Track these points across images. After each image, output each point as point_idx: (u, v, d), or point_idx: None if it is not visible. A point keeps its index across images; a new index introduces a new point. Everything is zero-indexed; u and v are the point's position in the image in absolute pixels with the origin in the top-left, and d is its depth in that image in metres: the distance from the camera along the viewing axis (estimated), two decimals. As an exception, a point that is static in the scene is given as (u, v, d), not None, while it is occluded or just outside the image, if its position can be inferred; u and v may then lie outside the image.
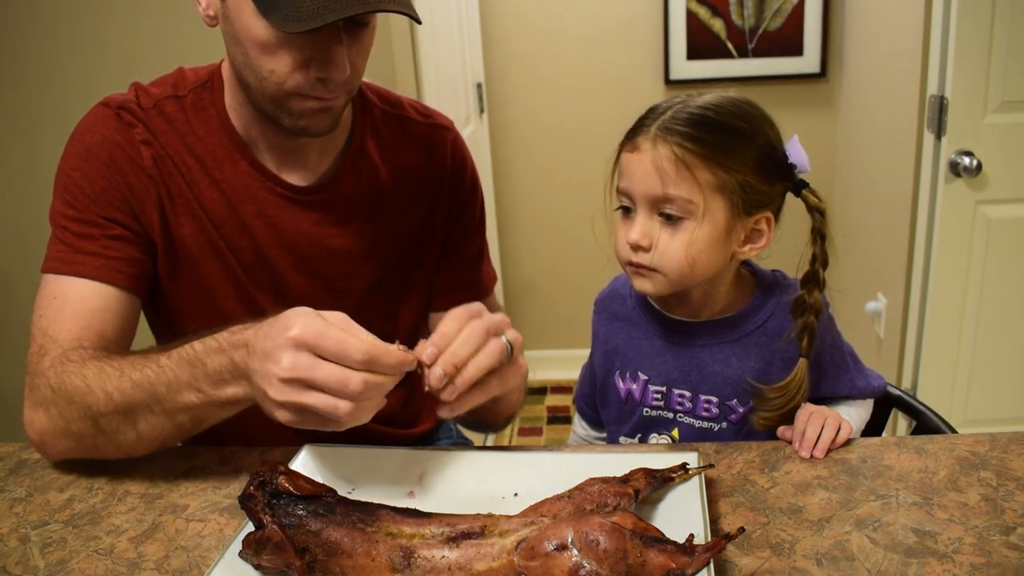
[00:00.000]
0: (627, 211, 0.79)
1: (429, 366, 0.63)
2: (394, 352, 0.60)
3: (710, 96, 0.77)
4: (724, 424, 0.82)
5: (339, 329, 0.59)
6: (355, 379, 0.58)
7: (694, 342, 0.83)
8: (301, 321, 0.59)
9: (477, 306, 0.66)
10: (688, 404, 0.83)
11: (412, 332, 0.94)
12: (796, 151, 0.78)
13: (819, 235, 0.79)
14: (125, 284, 0.78)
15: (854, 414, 0.84)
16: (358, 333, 0.60)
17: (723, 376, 0.82)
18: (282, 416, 0.60)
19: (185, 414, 0.68)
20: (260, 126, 0.82)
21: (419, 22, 0.74)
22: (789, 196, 0.81)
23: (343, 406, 0.58)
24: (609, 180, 0.81)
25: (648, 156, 0.75)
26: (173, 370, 0.67)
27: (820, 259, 0.79)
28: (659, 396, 0.84)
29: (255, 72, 0.74)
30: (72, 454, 0.74)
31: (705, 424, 0.83)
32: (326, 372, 0.57)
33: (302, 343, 0.58)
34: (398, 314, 0.92)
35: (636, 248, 0.77)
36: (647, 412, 0.85)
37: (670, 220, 0.75)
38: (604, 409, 0.91)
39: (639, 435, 0.86)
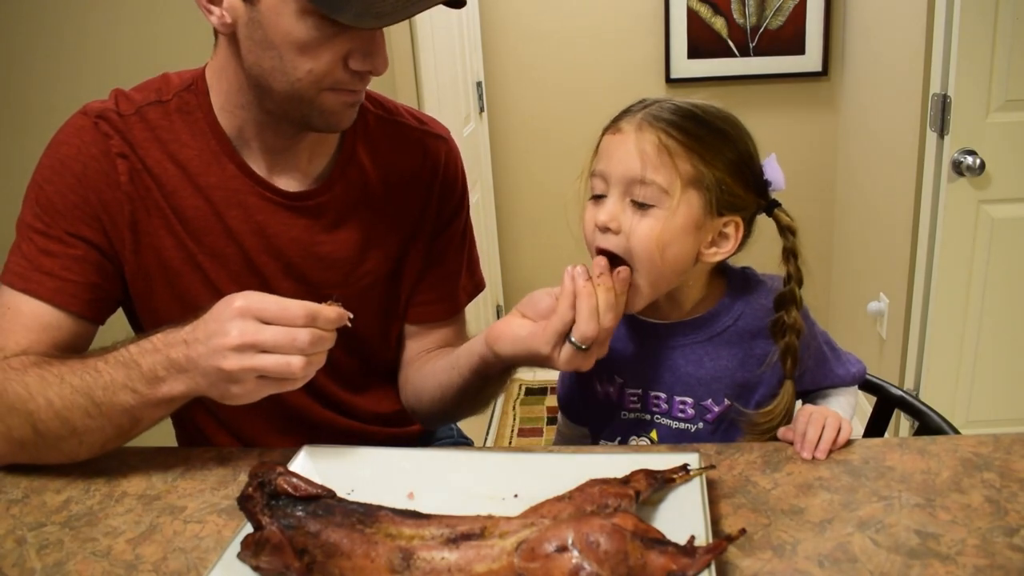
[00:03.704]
0: (599, 198, 0.78)
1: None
2: (330, 309, 0.66)
3: (694, 99, 0.79)
4: (701, 424, 0.82)
5: (278, 296, 0.65)
6: (302, 334, 0.63)
7: (666, 344, 0.83)
8: (240, 295, 0.65)
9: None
10: (664, 406, 0.83)
11: (399, 341, 0.94)
12: (772, 168, 0.78)
13: (792, 254, 0.79)
14: (77, 309, 0.78)
15: (844, 404, 0.84)
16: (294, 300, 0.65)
17: (696, 377, 0.82)
18: (238, 390, 0.64)
19: (123, 416, 0.69)
20: (257, 127, 0.80)
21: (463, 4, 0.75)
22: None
23: (295, 361, 0.63)
24: (588, 167, 0.80)
25: (631, 138, 0.75)
26: (109, 373, 0.68)
27: (796, 278, 0.79)
28: (636, 399, 0.84)
29: (288, 75, 0.72)
30: (13, 459, 0.74)
31: (682, 425, 0.83)
32: (274, 332, 0.63)
33: (246, 311, 0.63)
34: (385, 323, 0.91)
35: (604, 230, 0.76)
36: (625, 415, 0.85)
37: (641, 207, 0.75)
38: (585, 411, 0.91)
39: (619, 438, 0.86)
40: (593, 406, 0.88)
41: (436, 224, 0.91)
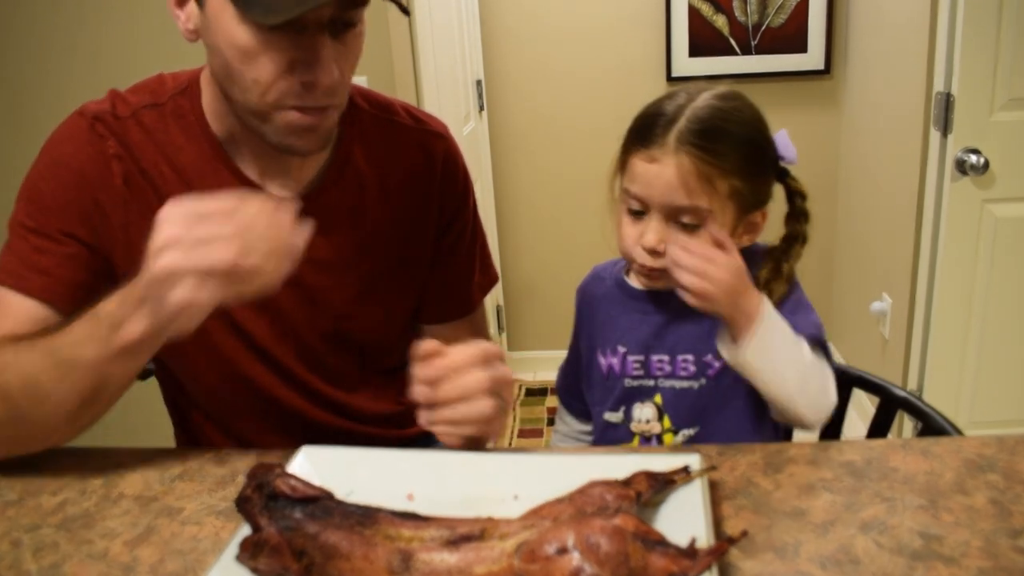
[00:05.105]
0: (638, 213, 0.81)
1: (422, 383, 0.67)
2: (257, 198, 0.63)
3: (714, 99, 0.80)
4: (703, 380, 0.84)
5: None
6: (233, 221, 0.61)
7: (667, 307, 0.86)
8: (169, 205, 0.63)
9: (486, 350, 0.67)
10: (667, 368, 0.85)
11: (399, 341, 0.92)
12: (785, 145, 0.83)
13: (804, 216, 0.84)
14: (66, 307, 0.77)
15: (791, 338, 0.77)
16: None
17: (696, 334, 0.84)
18: (178, 295, 0.61)
19: (90, 373, 0.67)
20: (245, 133, 0.79)
21: (407, 12, 0.72)
22: None
23: (223, 248, 0.60)
24: (612, 177, 0.84)
25: (669, 169, 0.77)
26: (77, 328, 0.67)
27: (802, 238, 0.84)
28: (638, 365, 0.86)
29: (238, 83, 0.71)
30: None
31: (685, 384, 0.85)
32: (203, 224, 0.61)
33: (174, 213, 0.62)
34: (384, 324, 0.91)
35: (652, 253, 0.80)
36: (628, 383, 0.87)
37: (686, 227, 0.79)
38: (589, 392, 0.92)
39: (622, 407, 0.87)
40: (596, 382, 0.90)
41: (440, 223, 0.90)
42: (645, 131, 0.80)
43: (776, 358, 0.76)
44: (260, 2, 0.66)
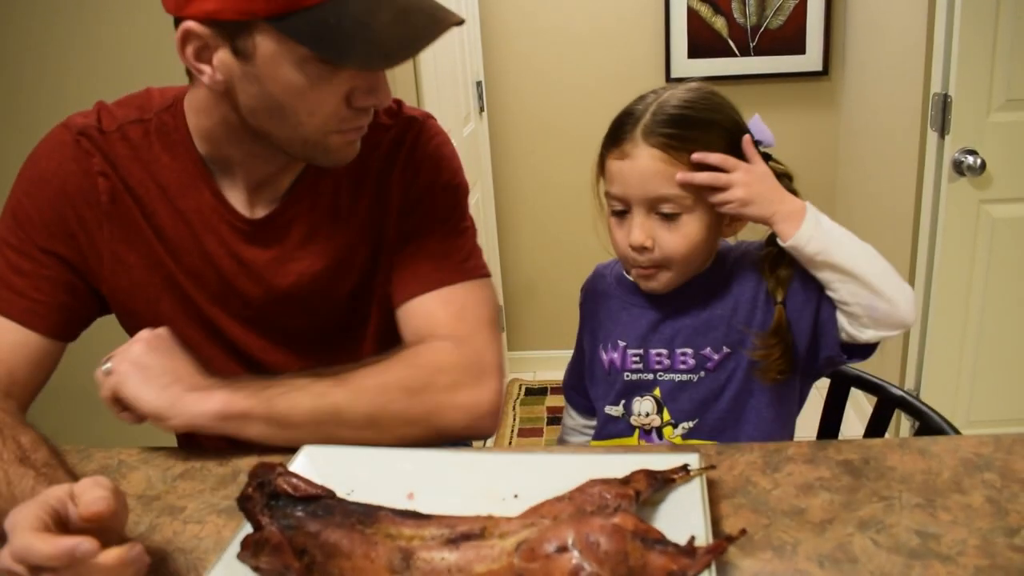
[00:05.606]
0: (622, 213, 0.82)
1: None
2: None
3: (679, 92, 0.82)
4: (702, 373, 0.85)
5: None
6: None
7: (666, 303, 0.87)
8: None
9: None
10: (666, 361, 0.86)
11: (383, 334, 0.89)
12: (759, 128, 0.84)
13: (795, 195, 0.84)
14: (44, 329, 0.77)
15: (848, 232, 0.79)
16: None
17: (693, 327, 0.85)
18: None
19: None
20: (249, 157, 0.78)
21: (461, 22, 0.71)
22: None
23: None
24: (595, 183, 0.86)
25: (640, 162, 0.79)
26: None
27: None
28: (637, 359, 0.87)
29: (287, 121, 0.71)
30: None
31: (684, 376, 0.86)
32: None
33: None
34: (369, 320, 0.89)
35: (641, 249, 0.81)
36: (628, 377, 0.88)
37: (668, 217, 0.80)
38: (592, 387, 0.94)
39: (623, 401, 0.88)
40: (599, 377, 0.91)
41: (405, 200, 0.83)
42: (616, 132, 0.82)
43: (838, 238, 0.78)
44: (355, 51, 0.66)
